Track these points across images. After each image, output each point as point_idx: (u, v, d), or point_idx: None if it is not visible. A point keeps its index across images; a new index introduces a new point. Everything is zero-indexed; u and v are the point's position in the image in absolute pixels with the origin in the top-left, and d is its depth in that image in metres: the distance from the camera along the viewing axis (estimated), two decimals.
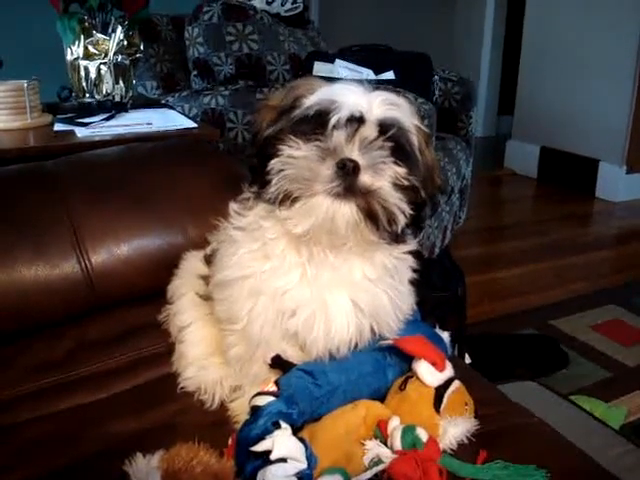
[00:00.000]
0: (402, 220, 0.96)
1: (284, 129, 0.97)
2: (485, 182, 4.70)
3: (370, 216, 0.94)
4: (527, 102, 4.86)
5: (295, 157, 0.93)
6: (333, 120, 0.92)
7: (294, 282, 1.03)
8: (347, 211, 0.92)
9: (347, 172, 0.91)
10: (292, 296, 1.03)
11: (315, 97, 0.95)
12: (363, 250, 1.02)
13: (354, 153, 0.92)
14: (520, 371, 2.16)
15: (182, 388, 1.20)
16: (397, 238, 1.01)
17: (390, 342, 1.08)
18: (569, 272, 3.21)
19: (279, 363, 1.07)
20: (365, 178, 0.92)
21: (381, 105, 0.95)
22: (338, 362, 1.06)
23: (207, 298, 1.23)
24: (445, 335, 1.26)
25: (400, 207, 0.95)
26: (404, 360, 1.10)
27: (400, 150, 0.96)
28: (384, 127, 0.95)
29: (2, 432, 1.11)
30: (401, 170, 0.95)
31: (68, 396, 1.21)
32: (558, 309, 2.78)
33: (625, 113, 4.19)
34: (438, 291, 2.04)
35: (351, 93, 0.95)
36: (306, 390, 1.02)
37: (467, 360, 1.49)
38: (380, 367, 1.10)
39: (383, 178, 0.94)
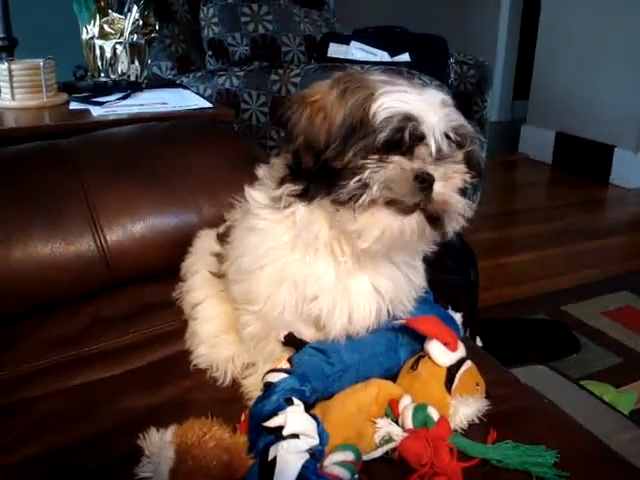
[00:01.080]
0: (461, 220, 0.97)
1: (363, 148, 0.92)
2: (499, 167, 4.67)
3: (434, 221, 0.95)
4: (543, 87, 4.82)
5: (384, 174, 0.91)
6: (423, 142, 0.92)
7: (320, 271, 1.03)
8: (416, 222, 0.93)
9: (425, 186, 0.91)
10: (315, 282, 1.03)
11: (387, 110, 0.91)
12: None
13: (431, 167, 0.92)
14: (531, 355, 2.16)
15: (194, 365, 1.21)
16: None
17: (403, 322, 1.08)
18: (581, 258, 3.19)
19: (292, 341, 1.08)
20: (438, 189, 0.92)
21: (453, 118, 0.95)
22: (351, 341, 1.07)
23: (220, 276, 1.23)
24: (457, 316, 1.27)
25: (462, 211, 0.96)
26: (416, 340, 1.11)
27: (468, 159, 0.98)
28: (458, 140, 0.95)
29: (15, 407, 1.13)
30: (467, 176, 0.97)
31: (81, 372, 1.21)
32: (570, 295, 2.77)
33: None
34: (451, 274, 2.04)
35: (423, 105, 0.92)
36: (319, 368, 1.03)
37: (478, 344, 1.50)
38: (392, 346, 1.10)
39: (453, 187, 0.95)
